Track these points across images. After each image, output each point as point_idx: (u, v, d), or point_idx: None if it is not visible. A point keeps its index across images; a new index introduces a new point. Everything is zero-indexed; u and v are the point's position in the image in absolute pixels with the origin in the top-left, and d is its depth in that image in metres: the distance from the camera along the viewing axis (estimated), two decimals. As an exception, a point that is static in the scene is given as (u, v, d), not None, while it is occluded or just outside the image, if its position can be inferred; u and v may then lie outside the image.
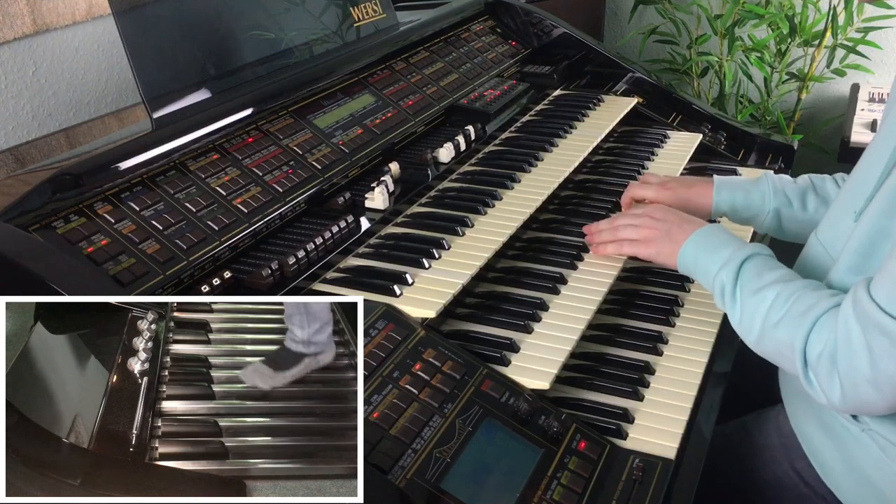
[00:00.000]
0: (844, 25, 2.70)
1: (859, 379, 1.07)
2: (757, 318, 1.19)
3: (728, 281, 1.24)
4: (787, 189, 1.52)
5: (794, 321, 1.15)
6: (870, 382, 1.06)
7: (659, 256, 1.38)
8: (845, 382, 1.08)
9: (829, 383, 1.10)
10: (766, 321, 1.18)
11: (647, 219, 1.41)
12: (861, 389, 1.07)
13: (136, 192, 1.24)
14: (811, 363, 1.12)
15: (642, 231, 1.40)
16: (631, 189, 1.61)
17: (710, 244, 1.30)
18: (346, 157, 1.53)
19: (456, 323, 1.32)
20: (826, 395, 1.11)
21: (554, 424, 1.13)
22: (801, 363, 1.13)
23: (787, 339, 1.15)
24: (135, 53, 1.34)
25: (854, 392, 1.08)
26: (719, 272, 1.25)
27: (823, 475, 1.27)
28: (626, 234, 1.43)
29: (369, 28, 1.83)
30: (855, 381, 1.07)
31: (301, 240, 1.33)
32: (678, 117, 2.14)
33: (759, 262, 1.24)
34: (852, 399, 1.09)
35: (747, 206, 1.53)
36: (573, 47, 2.22)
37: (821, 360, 1.11)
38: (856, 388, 1.08)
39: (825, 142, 2.90)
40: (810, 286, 1.19)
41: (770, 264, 1.24)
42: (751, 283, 1.22)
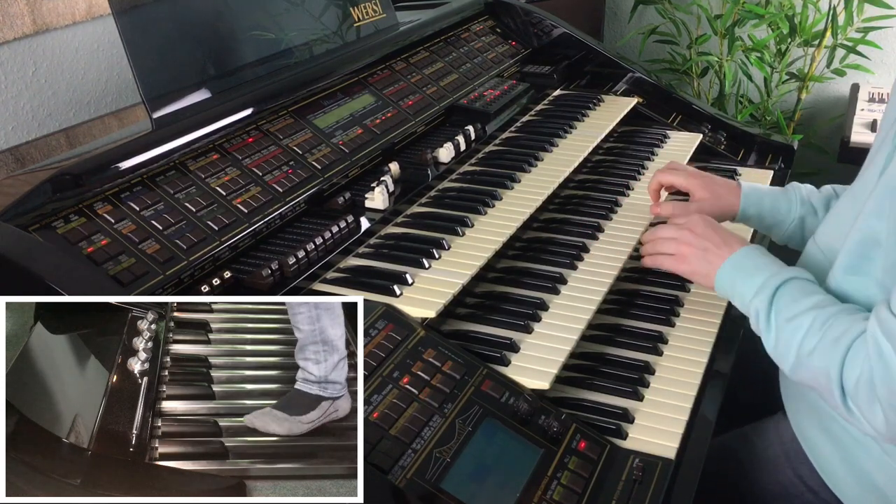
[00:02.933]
0: (844, 25, 2.70)
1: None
2: (792, 347, 1.16)
3: (762, 307, 1.20)
4: (812, 198, 1.51)
5: (828, 349, 1.11)
6: None
7: (695, 276, 1.35)
8: (887, 407, 1.04)
9: (871, 411, 1.06)
10: (801, 350, 1.14)
11: (688, 233, 1.36)
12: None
13: (136, 192, 1.24)
14: (849, 392, 1.08)
15: (681, 247, 1.36)
16: (659, 175, 1.58)
17: (746, 268, 1.27)
18: (346, 157, 1.53)
19: (456, 323, 1.32)
20: (870, 423, 1.07)
21: (554, 424, 1.13)
22: (838, 392, 1.09)
23: (823, 368, 1.11)
24: (135, 53, 1.34)
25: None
26: (753, 299, 1.22)
27: (827, 480, 1.27)
28: (665, 247, 1.39)
29: (369, 28, 1.83)
30: None
31: (301, 240, 1.33)
32: (678, 117, 2.14)
33: (794, 287, 1.20)
34: None
35: (774, 212, 1.51)
36: (573, 47, 2.22)
37: (859, 386, 1.07)
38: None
39: (825, 142, 2.90)
40: (845, 311, 1.14)
41: (807, 289, 1.20)
42: (786, 310, 1.18)
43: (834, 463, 1.25)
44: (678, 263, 1.37)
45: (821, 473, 1.28)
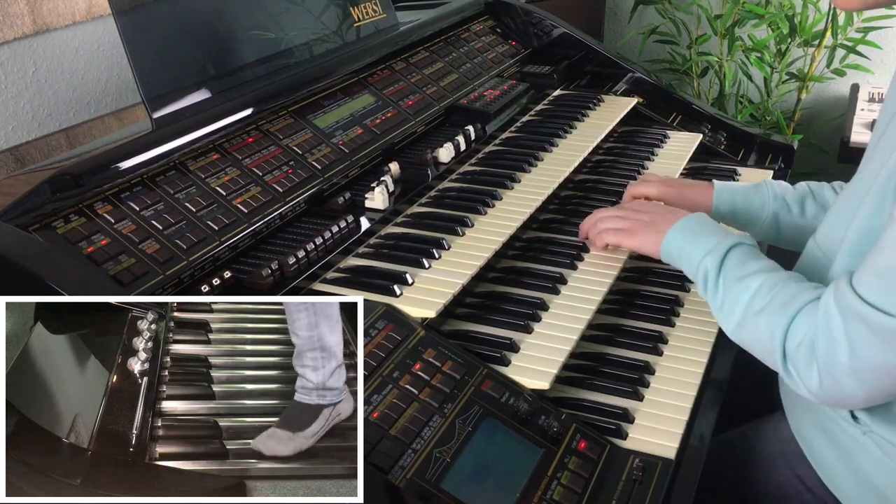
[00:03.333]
0: (844, 25, 2.70)
1: (838, 368, 1.07)
2: (739, 306, 1.19)
3: (712, 268, 1.24)
4: (786, 195, 1.53)
5: (777, 310, 1.15)
6: (849, 372, 1.06)
7: (643, 245, 1.39)
8: (823, 371, 1.08)
9: (808, 372, 1.10)
10: (748, 309, 1.18)
11: (632, 211, 1.43)
12: (839, 379, 1.07)
13: (136, 192, 1.24)
14: (790, 353, 1.12)
15: (626, 221, 1.42)
16: (632, 187, 1.61)
17: (695, 232, 1.31)
18: (346, 157, 1.53)
19: (456, 323, 1.32)
20: (804, 383, 1.11)
21: (554, 424, 1.13)
22: (780, 353, 1.13)
23: (768, 328, 1.15)
24: (135, 53, 1.34)
25: (832, 381, 1.08)
26: (703, 259, 1.26)
27: (825, 479, 1.27)
28: (611, 223, 1.44)
29: (369, 28, 1.83)
30: (833, 370, 1.07)
31: (301, 240, 1.33)
32: (678, 117, 2.14)
33: (743, 251, 1.25)
34: (830, 388, 1.09)
35: (747, 209, 1.53)
36: (573, 47, 2.22)
37: (800, 349, 1.11)
38: (834, 378, 1.08)
39: (825, 142, 2.90)
40: (794, 277, 1.19)
41: (754, 254, 1.25)
42: (735, 271, 1.22)
43: (832, 463, 1.26)
44: (625, 236, 1.41)
45: (819, 473, 1.28)
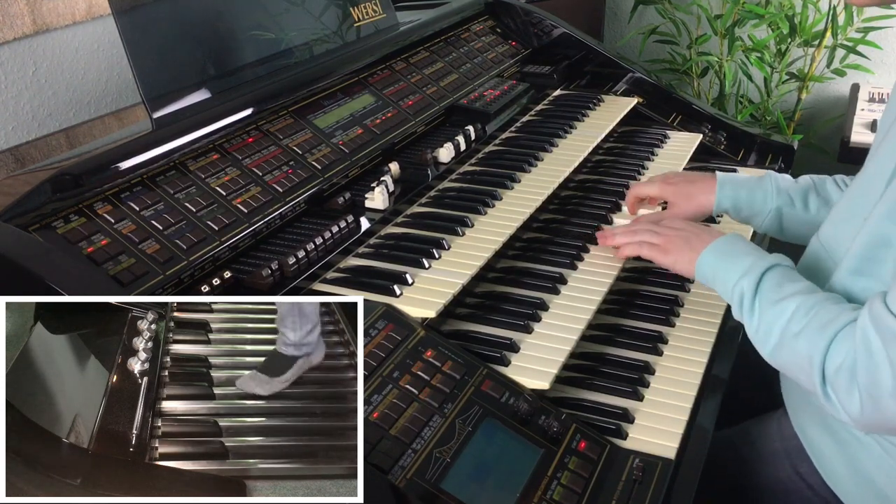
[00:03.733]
0: (844, 25, 2.70)
1: (881, 392, 1.04)
2: (776, 329, 1.16)
3: (748, 290, 1.21)
4: (789, 189, 1.51)
5: (814, 333, 1.12)
6: (891, 394, 1.03)
7: (677, 264, 1.36)
8: (864, 396, 1.05)
9: (849, 398, 1.07)
10: (785, 332, 1.15)
11: (666, 227, 1.40)
12: (882, 403, 1.04)
13: (136, 192, 1.24)
14: (829, 377, 1.09)
15: (661, 238, 1.38)
16: (634, 188, 1.61)
17: (730, 253, 1.28)
18: (346, 157, 1.53)
19: (456, 323, 1.32)
20: (845, 409, 1.08)
21: (554, 424, 1.13)
22: (818, 377, 1.10)
23: (806, 352, 1.12)
24: (135, 53, 1.34)
25: (873, 406, 1.05)
26: (739, 281, 1.23)
27: (826, 477, 1.27)
28: (644, 237, 1.41)
29: (369, 28, 1.83)
30: (875, 394, 1.04)
31: (301, 240, 1.33)
32: (678, 117, 2.14)
33: (780, 273, 1.22)
34: (871, 413, 1.06)
35: (750, 203, 1.52)
36: (573, 47, 2.22)
37: (840, 373, 1.08)
38: (876, 402, 1.05)
39: (825, 142, 2.90)
40: (832, 299, 1.16)
41: (791, 276, 1.22)
42: (771, 294, 1.19)
43: (834, 461, 1.26)
44: (659, 253, 1.39)
45: (820, 471, 1.28)
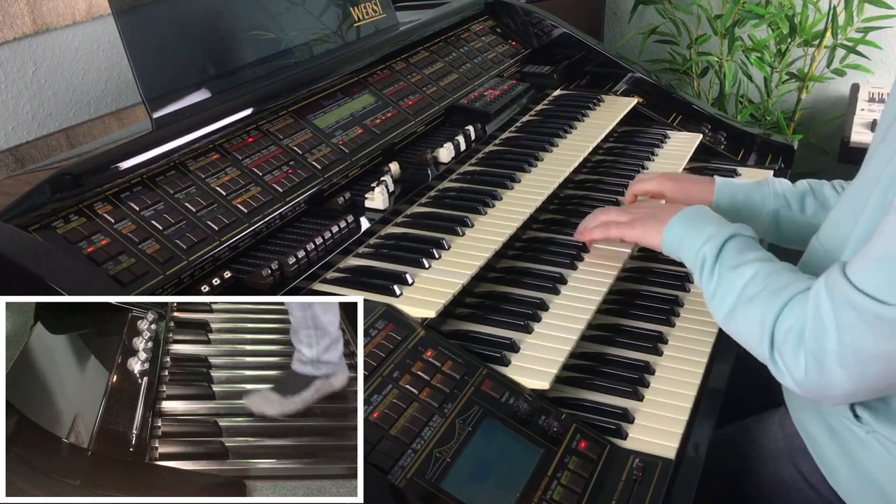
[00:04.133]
0: (844, 25, 2.70)
1: (826, 355, 1.06)
2: (732, 293, 1.19)
3: (710, 255, 1.24)
4: (787, 192, 1.53)
5: (768, 298, 1.15)
6: (836, 359, 1.05)
7: (644, 236, 1.39)
8: (810, 358, 1.08)
9: (794, 361, 1.10)
10: (741, 296, 1.18)
11: (635, 207, 1.47)
12: (826, 366, 1.06)
13: (136, 192, 1.24)
14: (778, 341, 1.12)
15: (628, 215, 1.43)
16: (633, 184, 1.62)
17: (696, 220, 1.31)
18: (346, 157, 1.53)
19: (456, 323, 1.32)
20: (790, 373, 1.11)
21: (554, 424, 1.13)
22: (768, 340, 1.13)
23: (759, 316, 1.14)
24: (135, 53, 1.34)
25: (818, 369, 1.07)
26: (702, 246, 1.26)
27: (828, 475, 1.27)
28: (612, 216, 1.45)
29: (369, 28, 1.83)
30: (820, 356, 1.07)
31: (301, 240, 1.33)
32: (678, 117, 2.14)
33: (741, 242, 1.25)
34: (815, 376, 1.08)
35: (748, 205, 1.53)
36: (573, 47, 2.22)
37: (788, 336, 1.10)
38: (820, 365, 1.07)
39: (825, 142, 2.90)
40: (789, 268, 1.20)
41: (752, 244, 1.25)
42: (731, 260, 1.23)
43: (835, 459, 1.26)
44: (627, 228, 1.42)
45: (822, 469, 1.28)
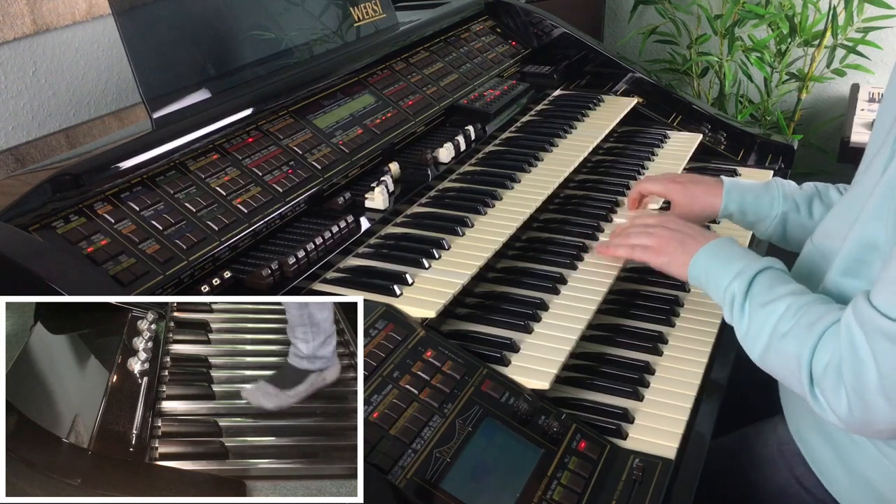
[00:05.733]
0: (844, 25, 2.70)
1: (866, 388, 1.03)
2: (765, 331, 1.16)
3: (739, 292, 1.21)
4: (795, 194, 1.51)
5: (802, 333, 1.12)
6: (877, 391, 1.03)
7: (670, 265, 1.36)
8: (851, 394, 1.05)
9: (836, 397, 1.06)
10: (774, 333, 1.15)
11: (661, 228, 1.39)
12: (868, 399, 1.04)
13: (136, 192, 1.24)
14: (816, 377, 1.09)
15: (655, 239, 1.38)
16: (639, 184, 1.61)
17: (723, 255, 1.28)
18: (346, 157, 1.53)
19: (456, 323, 1.32)
20: (833, 409, 1.08)
21: (554, 424, 1.13)
22: (806, 377, 1.10)
23: (794, 352, 1.12)
24: (135, 53, 1.34)
25: (861, 404, 1.04)
26: (731, 283, 1.23)
27: (824, 480, 1.27)
28: (638, 240, 1.41)
29: (369, 28, 1.83)
30: (861, 391, 1.04)
31: (301, 240, 1.33)
32: (678, 117, 2.14)
33: (771, 276, 1.22)
34: (859, 412, 1.05)
35: (756, 209, 1.51)
36: (573, 47, 2.22)
37: (827, 372, 1.07)
38: (862, 399, 1.04)
39: (825, 142, 2.90)
40: (820, 300, 1.16)
41: (783, 278, 1.22)
42: (761, 296, 1.19)
43: (830, 464, 1.26)
44: (654, 255, 1.38)
45: (817, 474, 1.28)
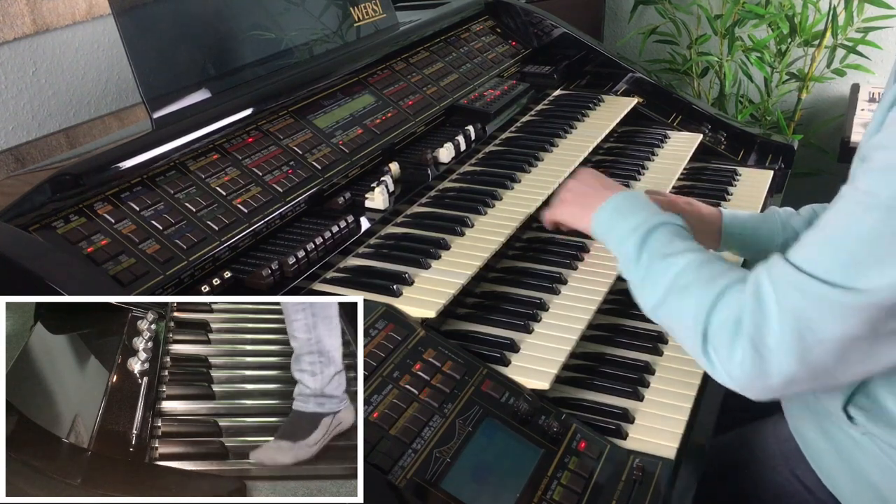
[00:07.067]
0: (844, 25, 2.70)
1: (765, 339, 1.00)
2: (662, 282, 1.14)
3: (637, 242, 1.19)
4: (792, 221, 1.49)
5: (702, 287, 1.09)
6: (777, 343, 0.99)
7: (574, 219, 1.36)
8: (748, 347, 1.01)
9: (729, 351, 1.03)
10: (673, 286, 1.12)
11: (573, 181, 1.41)
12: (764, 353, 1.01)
13: (136, 192, 1.24)
14: (711, 333, 1.06)
15: (564, 194, 1.39)
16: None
17: (625, 208, 1.27)
18: (346, 157, 1.53)
19: (456, 323, 1.32)
20: (724, 365, 1.05)
21: (554, 424, 1.13)
22: (700, 332, 1.07)
23: (692, 306, 1.09)
24: (135, 53, 1.34)
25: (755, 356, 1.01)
26: (630, 234, 1.21)
27: (824, 479, 1.27)
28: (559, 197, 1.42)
29: (369, 28, 1.83)
30: (759, 342, 1.01)
31: (301, 240, 1.33)
32: (678, 117, 2.14)
33: (672, 230, 1.20)
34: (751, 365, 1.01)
35: (755, 241, 1.50)
36: (573, 47, 2.22)
37: (723, 328, 1.05)
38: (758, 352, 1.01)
39: (825, 142, 2.90)
40: (721, 258, 1.15)
41: (683, 234, 1.20)
42: (661, 248, 1.18)
43: (830, 462, 1.26)
44: (562, 209, 1.39)
45: (817, 472, 1.28)
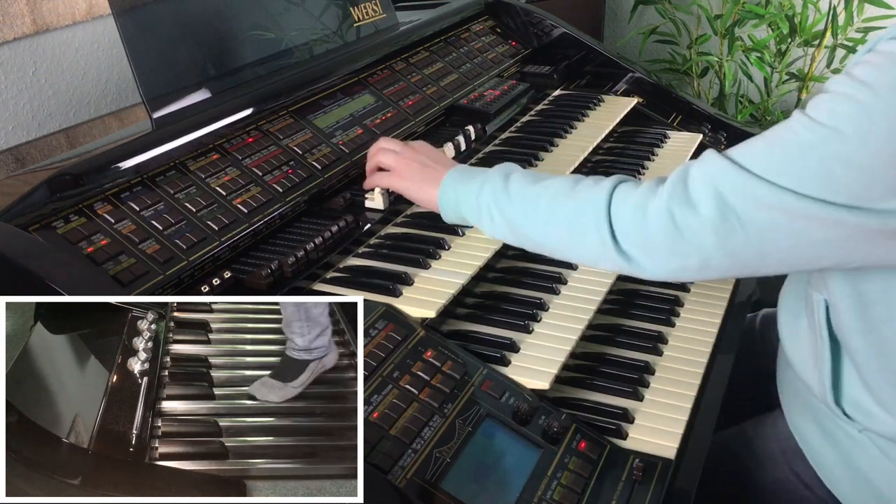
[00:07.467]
0: (844, 25, 2.70)
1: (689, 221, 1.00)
2: (544, 201, 1.11)
3: (497, 190, 1.17)
4: None
5: (590, 189, 1.06)
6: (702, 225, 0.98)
7: (410, 191, 1.36)
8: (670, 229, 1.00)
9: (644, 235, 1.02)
10: (557, 195, 1.10)
11: (408, 149, 1.39)
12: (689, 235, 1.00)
13: (136, 192, 1.24)
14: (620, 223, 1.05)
15: (399, 160, 1.37)
16: None
17: (468, 173, 1.27)
18: (346, 157, 1.53)
19: (456, 323, 1.32)
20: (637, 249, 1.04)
21: (554, 424, 1.13)
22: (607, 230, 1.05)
23: (588, 202, 1.06)
24: (135, 53, 1.34)
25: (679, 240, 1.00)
26: (483, 186, 1.20)
27: (823, 476, 1.27)
28: (383, 158, 1.40)
29: (369, 28, 1.83)
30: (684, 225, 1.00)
31: (301, 240, 1.33)
32: (678, 117, 2.14)
33: (526, 173, 1.19)
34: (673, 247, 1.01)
35: None
36: (573, 47, 2.22)
37: (636, 210, 1.04)
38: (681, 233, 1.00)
39: (825, 142, 2.90)
40: None
41: (539, 175, 1.19)
42: (527, 180, 1.16)
43: (829, 460, 1.26)
44: (395, 178, 1.38)
45: (816, 470, 1.28)
